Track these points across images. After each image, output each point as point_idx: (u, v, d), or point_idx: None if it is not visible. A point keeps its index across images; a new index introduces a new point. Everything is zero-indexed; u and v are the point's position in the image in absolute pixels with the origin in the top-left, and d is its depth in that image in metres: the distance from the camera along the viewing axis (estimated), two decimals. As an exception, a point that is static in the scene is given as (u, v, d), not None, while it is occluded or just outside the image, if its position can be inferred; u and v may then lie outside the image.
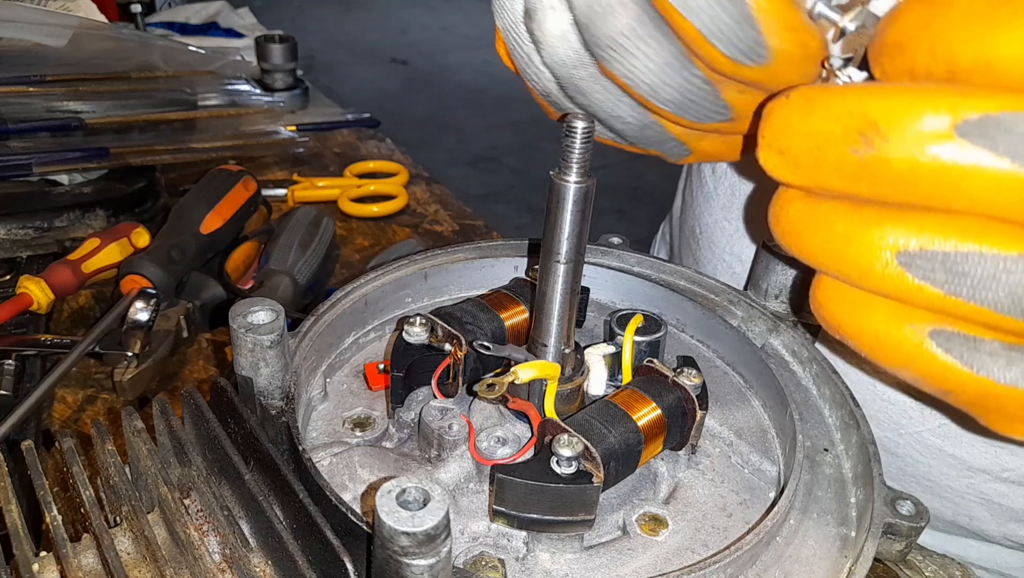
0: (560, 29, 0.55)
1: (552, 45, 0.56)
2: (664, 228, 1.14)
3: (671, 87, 0.51)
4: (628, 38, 0.50)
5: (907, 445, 0.72)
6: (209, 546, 0.44)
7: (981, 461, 0.70)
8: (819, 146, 0.40)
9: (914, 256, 0.38)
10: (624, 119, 0.57)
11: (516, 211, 4.32)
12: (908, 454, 0.73)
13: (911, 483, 0.75)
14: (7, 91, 1.16)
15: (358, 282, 0.64)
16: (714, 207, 0.85)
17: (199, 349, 0.98)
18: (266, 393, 0.50)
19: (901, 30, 0.39)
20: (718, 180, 0.86)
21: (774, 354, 0.65)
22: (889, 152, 0.37)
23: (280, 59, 1.62)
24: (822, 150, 0.40)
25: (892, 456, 0.74)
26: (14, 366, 0.85)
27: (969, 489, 0.72)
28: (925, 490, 0.74)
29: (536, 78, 0.61)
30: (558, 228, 0.48)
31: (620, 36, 0.51)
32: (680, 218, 0.99)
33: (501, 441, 0.52)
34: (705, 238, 0.88)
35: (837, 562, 0.49)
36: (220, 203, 1.08)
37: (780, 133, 0.42)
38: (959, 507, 0.74)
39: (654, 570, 0.47)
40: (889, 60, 0.40)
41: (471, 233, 1.32)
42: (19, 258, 1.04)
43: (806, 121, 0.41)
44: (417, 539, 0.33)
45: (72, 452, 0.49)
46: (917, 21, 0.38)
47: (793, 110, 0.41)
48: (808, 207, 0.43)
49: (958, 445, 0.70)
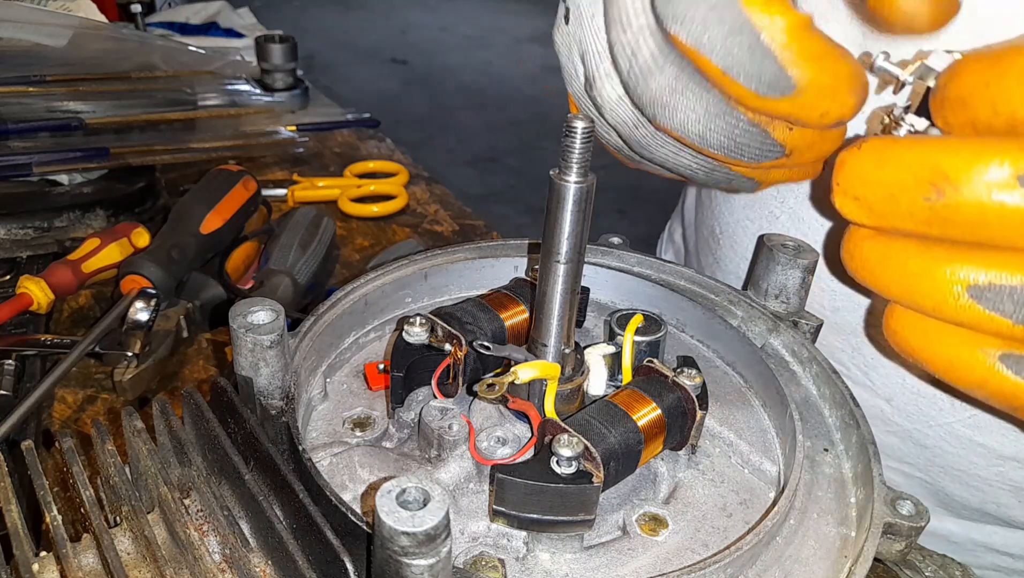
0: (616, 94, 0.59)
1: (612, 109, 0.60)
2: (672, 228, 1.14)
3: (718, 133, 0.53)
4: (668, 94, 0.53)
5: (937, 436, 0.73)
6: (209, 546, 0.44)
7: (1011, 449, 0.71)
8: (892, 194, 0.44)
9: (983, 289, 0.43)
10: (690, 167, 0.60)
11: (516, 211, 4.32)
12: (937, 445, 0.74)
13: (939, 473, 0.76)
14: (7, 91, 1.16)
15: (358, 282, 0.64)
16: (735, 206, 0.86)
17: (199, 349, 0.98)
18: (266, 393, 0.50)
19: (962, 87, 0.43)
20: None
21: (774, 354, 0.65)
22: (958, 199, 0.41)
23: (280, 59, 1.62)
24: (895, 197, 0.44)
25: (921, 448, 0.75)
26: (14, 366, 0.85)
27: (998, 477, 0.74)
28: (953, 480, 0.76)
29: (607, 137, 0.65)
30: (558, 228, 0.48)
31: (661, 93, 0.53)
32: (696, 218, 0.99)
33: (501, 441, 0.52)
34: (726, 237, 0.88)
35: (837, 562, 0.49)
36: (220, 203, 1.08)
37: (854, 181, 0.46)
38: (987, 495, 0.76)
39: (654, 570, 0.47)
40: (952, 113, 0.44)
41: (471, 233, 1.32)
42: (19, 258, 1.04)
43: (879, 171, 0.44)
44: (417, 539, 0.33)
45: (72, 452, 0.49)
46: (977, 80, 0.42)
47: (866, 160, 0.45)
48: (882, 245, 0.47)
49: (988, 434, 0.71)
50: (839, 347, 0.77)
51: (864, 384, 0.77)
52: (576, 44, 0.62)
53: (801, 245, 0.67)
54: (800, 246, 0.67)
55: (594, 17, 0.59)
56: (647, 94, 0.54)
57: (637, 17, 0.53)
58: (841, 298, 0.75)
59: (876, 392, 0.76)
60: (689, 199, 1.03)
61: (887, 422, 0.77)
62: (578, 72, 0.63)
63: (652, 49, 0.53)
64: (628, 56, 0.54)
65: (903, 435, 0.76)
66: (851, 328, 0.75)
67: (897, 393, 0.74)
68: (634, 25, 0.53)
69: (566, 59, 0.65)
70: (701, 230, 0.96)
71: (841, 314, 0.75)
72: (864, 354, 0.75)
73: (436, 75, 6.16)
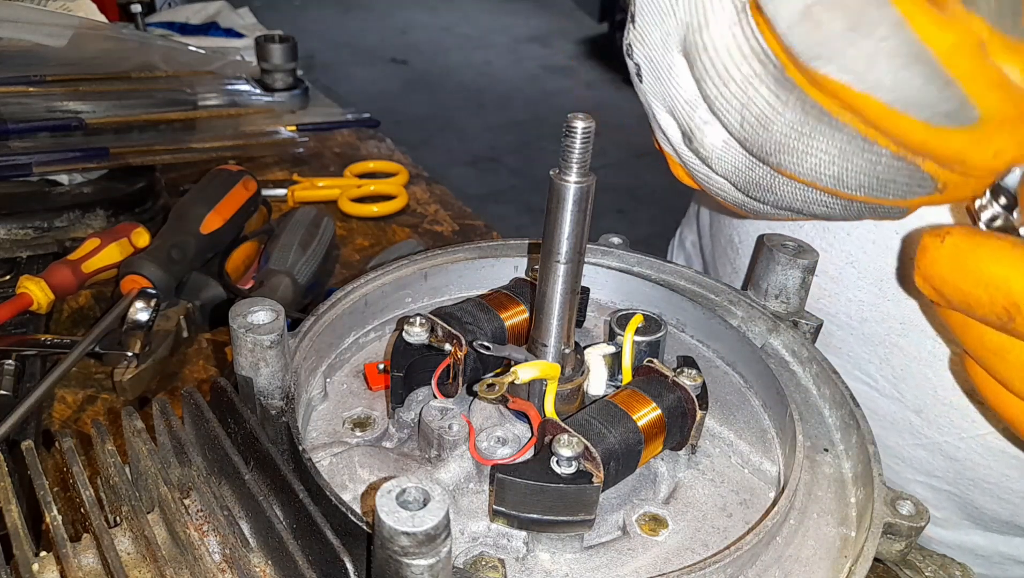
0: (721, 139, 0.55)
1: (719, 157, 0.56)
2: (683, 234, 1.11)
3: (857, 173, 0.50)
4: (795, 139, 0.50)
5: (968, 449, 0.72)
6: (209, 546, 0.44)
7: None
8: (968, 302, 0.46)
9: None
10: (824, 203, 0.56)
11: (516, 211, 4.32)
12: (969, 457, 0.73)
13: (969, 486, 0.75)
14: (7, 91, 1.16)
15: (358, 282, 0.64)
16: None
17: (199, 349, 0.97)
18: (266, 393, 0.50)
19: None
20: None
21: (774, 354, 0.65)
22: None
23: (280, 59, 1.62)
24: (970, 304, 0.45)
25: (951, 460, 0.74)
26: (14, 366, 0.85)
27: None
28: (984, 492, 0.74)
29: (720, 190, 0.60)
30: (558, 228, 0.48)
31: (786, 139, 0.50)
32: (712, 227, 0.96)
33: (501, 441, 0.52)
34: (745, 247, 0.87)
35: (837, 562, 0.49)
36: (220, 203, 1.08)
37: (933, 278, 0.47)
38: (1018, 508, 0.74)
39: (654, 570, 0.47)
40: None
41: (471, 233, 1.32)
42: (19, 258, 1.04)
43: (957, 277, 0.46)
44: (417, 539, 0.33)
45: (72, 452, 0.49)
46: None
47: (945, 263, 0.46)
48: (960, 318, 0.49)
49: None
50: (866, 358, 0.75)
51: (892, 396, 0.75)
52: (659, 100, 0.58)
53: (801, 245, 0.67)
54: (800, 246, 0.67)
55: (672, 69, 0.55)
56: (768, 144, 0.51)
57: (740, 67, 0.50)
58: (868, 309, 0.73)
59: (905, 404, 0.74)
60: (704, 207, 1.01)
61: (916, 434, 0.75)
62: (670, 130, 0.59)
63: (767, 96, 0.49)
64: (737, 109, 0.51)
65: (932, 448, 0.74)
66: (879, 339, 0.73)
67: (928, 405, 0.73)
68: (738, 75, 0.50)
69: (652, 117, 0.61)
70: (719, 238, 0.93)
71: (869, 325, 0.74)
72: (893, 365, 0.73)
73: (436, 75, 6.16)
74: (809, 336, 0.66)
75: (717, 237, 0.94)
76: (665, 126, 0.59)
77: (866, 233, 0.71)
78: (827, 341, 0.78)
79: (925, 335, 0.70)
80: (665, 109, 0.58)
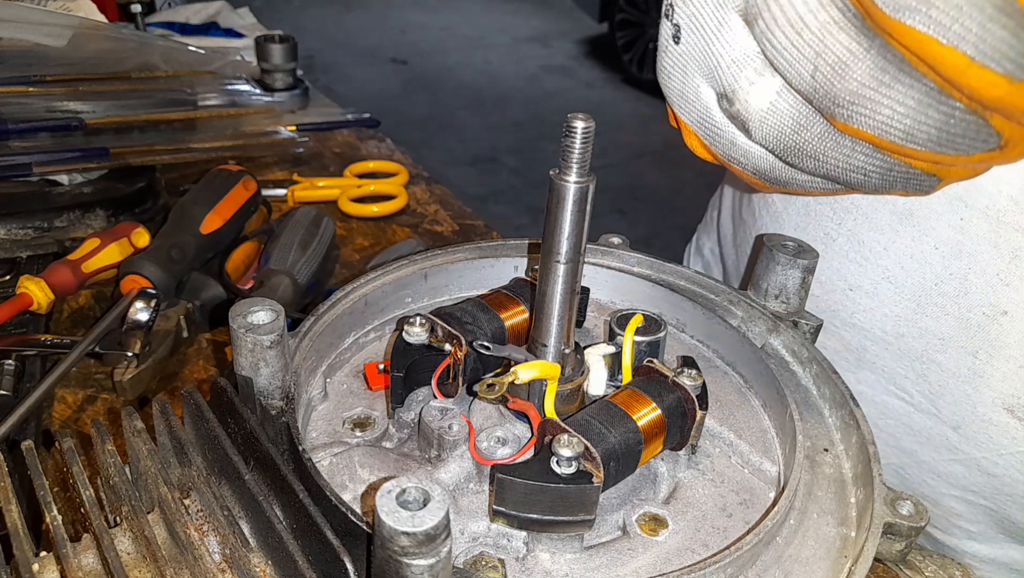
0: (767, 101, 0.55)
1: (762, 120, 0.55)
2: (700, 241, 1.10)
3: (929, 126, 0.50)
4: (873, 88, 0.49)
5: (1007, 465, 0.72)
6: (209, 546, 0.44)
7: None
8: None
9: None
10: (864, 169, 0.56)
11: (516, 211, 4.32)
12: (1007, 473, 0.72)
13: (1006, 501, 0.74)
14: (7, 91, 1.16)
15: (358, 282, 0.64)
16: (785, 227, 0.82)
17: (199, 349, 0.97)
18: (266, 393, 0.50)
19: None
20: (788, 199, 0.81)
21: (774, 354, 0.65)
22: None
23: (280, 59, 1.62)
24: None
25: (989, 476, 0.73)
26: (14, 366, 0.85)
27: None
28: (1022, 508, 0.73)
29: (745, 159, 0.60)
30: (558, 228, 0.48)
31: (862, 88, 0.50)
32: (736, 236, 0.95)
33: (501, 441, 0.52)
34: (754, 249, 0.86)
35: (837, 562, 0.48)
36: (220, 203, 1.08)
37: None
38: None
39: (654, 570, 0.47)
40: None
41: (471, 233, 1.32)
42: (19, 258, 1.04)
43: None
44: (417, 539, 0.33)
45: (72, 452, 0.49)
46: None
47: None
48: None
49: None
50: (902, 373, 0.74)
51: (929, 411, 0.74)
52: (695, 63, 0.57)
53: (801, 245, 0.67)
54: (800, 246, 0.67)
55: (723, 26, 0.54)
56: (843, 92, 0.50)
57: (818, 13, 0.50)
58: (905, 325, 0.72)
59: (942, 419, 0.73)
60: (725, 215, 0.99)
61: (952, 450, 0.74)
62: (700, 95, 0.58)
63: (846, 43, 0.49)
64: (811, 58, 0.50)
65: (970, 464, 0.74)
66: (916, 354, 0.73)
67: (967, 421, 0.72)
68: (815, 23, 0.50)
69: (679, 84, 0.60)
70: (743, 248, 0.92)
71: (905, 340, 0.73)
72: (930, 381, 0.73)
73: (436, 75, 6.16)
74: (809, 336, 0.66)
75: (741, 246, 0.93)
76: (695, 92, 0.59)
77: (904, 248, 0.70)
78: (861, 356, 0.77)
79: (965, 351, 0.69)
80: (701, 72, 0.58)
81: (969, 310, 0.68)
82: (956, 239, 0.66)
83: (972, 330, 0.68)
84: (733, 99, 0.56)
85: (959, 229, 0.66)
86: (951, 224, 0.66)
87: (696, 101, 0.59)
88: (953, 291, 0.68)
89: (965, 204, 0.65)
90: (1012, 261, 0.64)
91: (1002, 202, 0.63)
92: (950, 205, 0.66)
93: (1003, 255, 0.65)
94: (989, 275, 0.66)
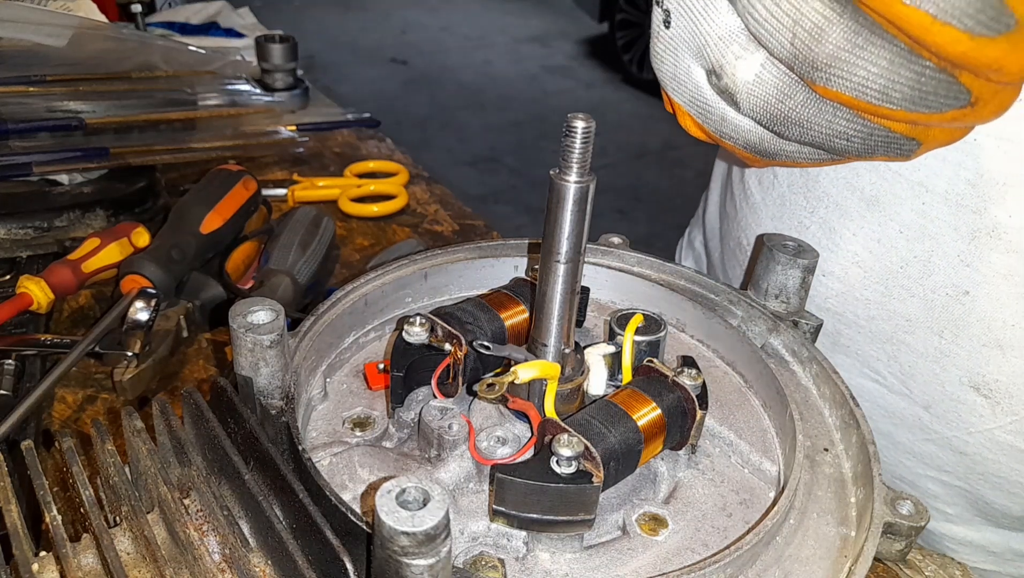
0: (752, 73, 0.57)
1: (749, 91, 0.58)
2: (692, 235, 1.12)
3: (902, 84, 0.52)
4: (848, 50, 0.52)
5: (977, 443, 0.73)
6: (209, 546, 0.44)
7: None
8: None
9: None
10: (846, 134, 0.58)
11: (516, 211, 4.32)
12: (978, 452, 0.74)
13: (979, 481, 0.75)
14: (7, 91, 1.16)
15: (358, 282, 0.64)
16: (763, 217, 0.85)
17: (199, 349, 0.97)
18: (266, 393, 0.50)
19: None
20: (766, 191, 0.84)
21: (774, 354, 0.65)
22: None
23: (280, 59, 1.62)
24: None
25: (960, 455, 0.75)
26: (14, 366, 0.85)
27: None
28: (994, 487, 0.75)
29: (736, 133, 0.62)
30: (558, 228, 0.48)
31: (838, 51, 0.52)
32: (721, 229, 0.97)
33: (501, 441, 0.52)
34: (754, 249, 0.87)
35: (837, 562, 0.49)
36: (220, 203, 1.08)
37: None
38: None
39: (654, 570, 0.47)
40: None
41: (471, 233, 1.32)
42: (19, 258, 1.04)
43: None
44: (417, 539, 0.33)
45: (72, 452, 0.49)
46: None
47: None
48: None
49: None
50: (875, 356, 0.77)
51: (901, 392, 0.76)
52: (685, 44, 0.60)
53: (801, 245, 0.67)
54: (800, 246, 0.67)
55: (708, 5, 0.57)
56: (821, 56, 0.52)
57: None
58: (875, 308, 0.74)
59: (914, 400, 0.75)
60: (711, 208, 1.02)
61: (925, 430, 0.76)
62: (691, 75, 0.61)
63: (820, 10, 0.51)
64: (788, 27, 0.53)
65: (942, 443, 0.75)
66: (886, 336, 0.75)
67: (936, 400, 0.74)
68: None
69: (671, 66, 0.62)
70: (727, 241, 0.94)
71: (876, 323, 0.75)
72: (901, 362, 0.75)
73: (436, 75, 6.16)
74: (809, 336, 0.66)
75: (726, 240, 0.95)
76: (686, 72, 0.61)
77: (871, 233, 0.72)
78: (836, 340, 0.79)
79: (931, 332, 0.71)
80: (691, 52, 0.60)
81: (933, 291, 0.70)
82: (919, 223, 0.69)
83: (937, 311, 0.71)
84: (721, 74, 0.58)
85: (921, 213, 0.69)
86: (914, 208, 0.69)
87: (688, 81, 0.61)
88: (918, 273, 0.71)
89: (926, 189, 0.68)
90: (971, 242, 0.67)
91: (960, 186, 0.66)
92: (912, 190, 0.69)
93: (963, 237, 0.67)
94: (951, 257, 0.68)
